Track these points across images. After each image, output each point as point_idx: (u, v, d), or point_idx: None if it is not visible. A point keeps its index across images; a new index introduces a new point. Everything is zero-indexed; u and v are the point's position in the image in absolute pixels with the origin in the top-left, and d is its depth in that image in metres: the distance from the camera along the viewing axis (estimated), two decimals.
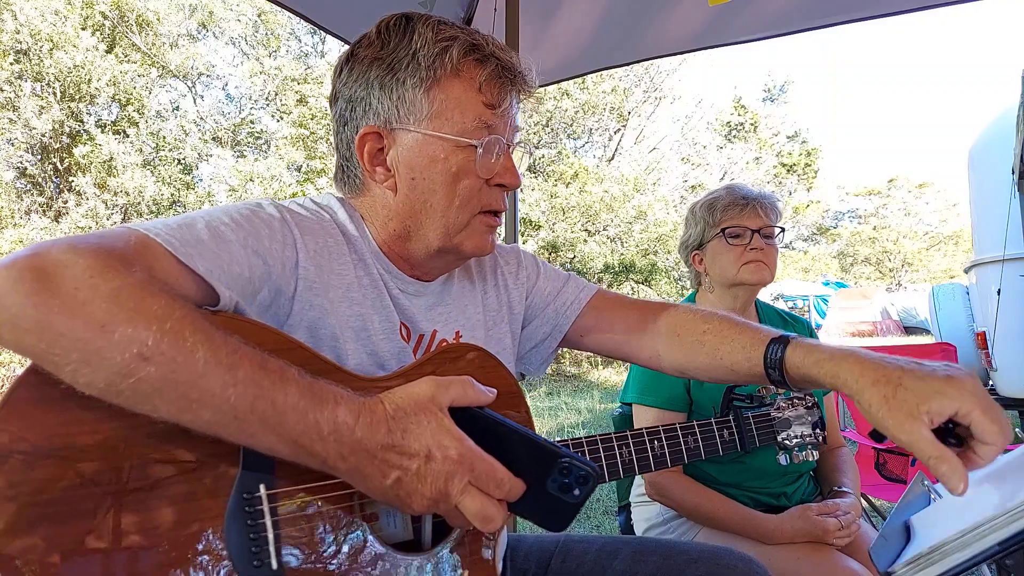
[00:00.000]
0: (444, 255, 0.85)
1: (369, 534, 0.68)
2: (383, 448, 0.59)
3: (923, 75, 72.52)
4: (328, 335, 0.75)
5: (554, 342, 1.01)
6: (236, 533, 0.60)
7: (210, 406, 0.55)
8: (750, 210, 1.49)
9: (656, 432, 0.87)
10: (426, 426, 0.61)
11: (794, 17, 2.08)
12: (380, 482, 0.60)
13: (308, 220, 0.78)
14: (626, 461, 0.84)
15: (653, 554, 0.95)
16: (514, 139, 0.84)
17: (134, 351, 0.52)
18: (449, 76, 0.78)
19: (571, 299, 1.00)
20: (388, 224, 0.83)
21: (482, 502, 0.61)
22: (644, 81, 14.85)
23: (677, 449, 0.88)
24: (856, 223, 30.50)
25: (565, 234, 11.50)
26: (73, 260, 0.53)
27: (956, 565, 0.60)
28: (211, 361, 0.54)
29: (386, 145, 0.80)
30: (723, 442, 0.91)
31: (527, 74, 0.83)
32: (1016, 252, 4.16)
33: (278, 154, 11.66)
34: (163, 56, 11.81)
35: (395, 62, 0.78)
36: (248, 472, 0.61)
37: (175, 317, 0.54)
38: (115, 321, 0.52)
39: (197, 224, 0.66)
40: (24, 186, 10.45)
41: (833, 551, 1.29)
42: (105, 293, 0.52)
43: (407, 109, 0.78)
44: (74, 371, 0.52)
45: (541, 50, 2.39)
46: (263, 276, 0.70)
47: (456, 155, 0.78)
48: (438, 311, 0.89)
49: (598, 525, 3.28)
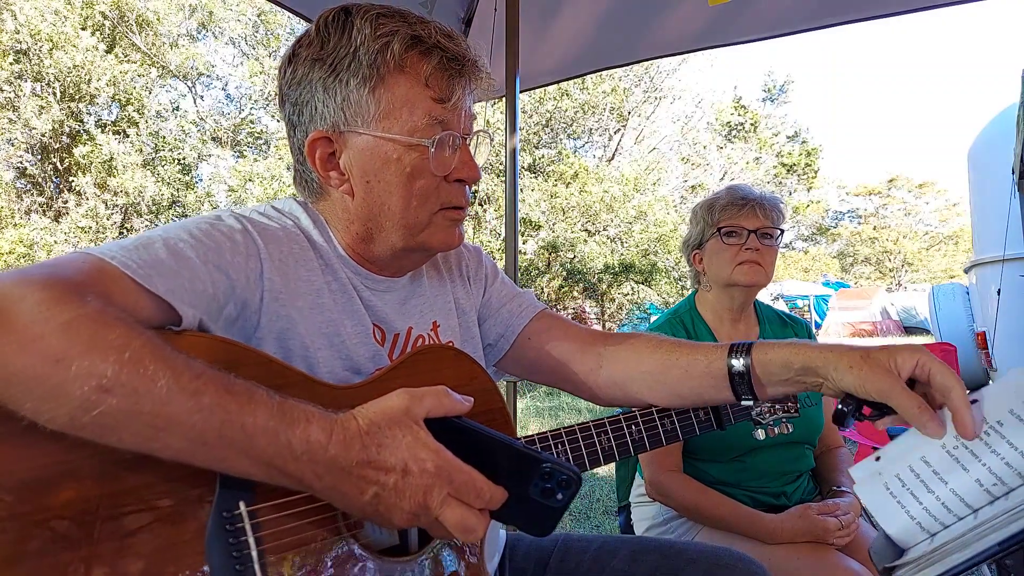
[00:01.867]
0: (410, 253, 0.83)
1: (354, 542, 0.68)
2: (359, 464, 0.58)
3: (923, 75, 72.60)
4: (298, 345, 0.74)
5: (506, 344, 0.98)
6: (218, 554, 0.58)
7: (176, 434, 0.53)
8: (748, 210, 1.49)
9: (633, 417, 0.87)
10: (401, 440, 0.60)
11: (794, 17, 2.08)
12: (358, 499, 0.59)
13: (271, 228, 0.76)
14: (606, 448, 0.83)
15: (652, 554, 0.95)
16: (471, 128, 0.81)
17: (93, 384, 0.50)
18: (393, 73, 0.74)
19: (526, 304, 0.99)
20: (350, 227, 0.81)
21: (462, 514, 0.60)
22: (644, 81, 14.85)
23: (655, 432, 0.87)
24: (856, 223, 30.51)
25: (565, 234, 11.50)
26: (23, 293, 0.51)
27: (956, 565, 0.60)
28: (174, 388, 0.53)
29: (337, 149, 0.77)
30: (699, 422, 0.90)
31: (477, 60, 0.79)
32: (1016, 252, 4.17)
33: (278, 154, 11.66)
34: (163, 56, 11.82)
35: (336, 62, 0.74)
36: (226, 491, 0.60)
37: (133, 347, 0.52)
38: (71, 355, 0.50)
39: (155, 244, 0.64)
40: (24, 186, 10.46)
41: (833, 551, 1.29)
42: (58, 326, 0.50)
43: (353, 111, 0.75)
44: (35, 408, 0.51)
45: (541, 50, 2.39)
46: (227, 291, 0.68)
47: (409, 155, 0.75)
48: (411, 305, 0.88)
49: (598, 525, 3.28)
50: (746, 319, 1.60)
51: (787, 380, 0.78)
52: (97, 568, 0.54)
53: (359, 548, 0.68)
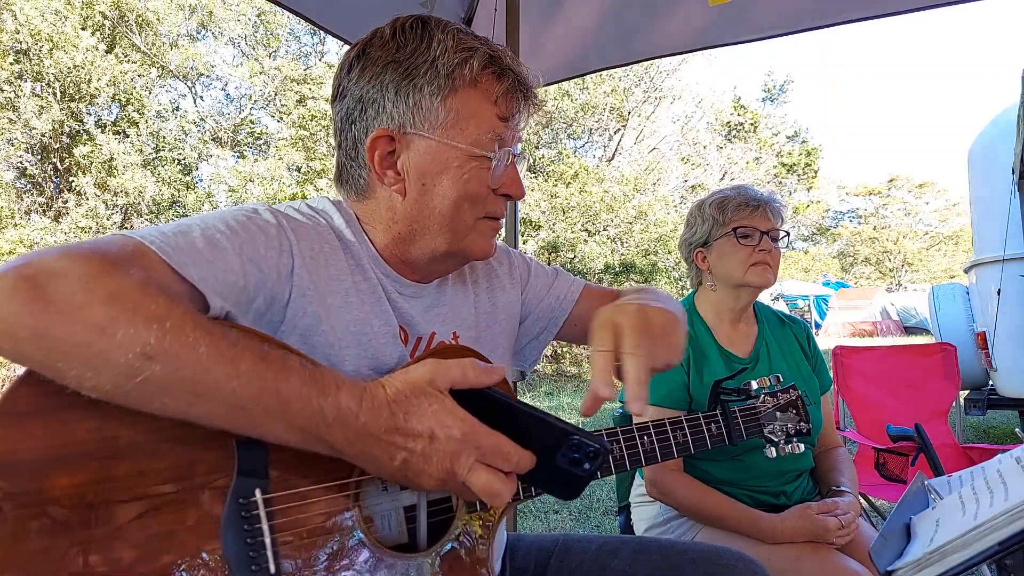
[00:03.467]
0: (449, 258, 0.86)
1: (365, 536, 0.68)
2: (387, 431, 0.61)
3: (923, 75, 72.61)
4: (322, 343, 0.75)
5: (550, 335, 1.03)
6: (233, 540, 0.60)
7: (216, 399, 0.56)
8: (761, 212, 1.50)
9: (645, 427, 0.88)
10: (427, 408, 0.62)
11: (794, 17, 2.07)
12: (388, 464, 0.61)
13: (304, 225, 0.78)
14: (617, 458, 0.84)
15: (652, 553, 0.95)
16: (519, 149, 0.85)
17: (137, 351, 0.52)
18: (467, 86, 0.78)
19: (563, 293, 1.03)
20: (392, 227, 0.82)
21: (489, 478, 0.62)
22: (644, 81, 14.85)
23: (667, 444, 0.88)
24: (856, 223, 30.50)
25: (565, 234, 11.49)
26: (68, 267, 0.53)
27: (956, 565, 0.60)
28: (214, 355, 0.55)
29: (398, 149, 0.79)
30: (711, 436, 0.92)
31: (537, 87, 0.85)
32: (1016, 252, 4.17)
33: (278, 155, 11.66)
34: (163, 56, 11.81)
35: (412, 67, 0.77)
36: (243, 478, 0.61)
37: (174, 315, 0.55)
38: (115, 323, 0.52)
39: (193, 231, 0.66)
40: (24, 186, 10.45)
41: (833, 551, 1.30)
42: (102, 296, 0.53)
43: (423, 115, 0.78)
44: (78, 376, 0.53)
45: (541, 50, 2.39)
46: (258, 284, 0.70)
47: (468, 164, 0.79)
48: (435, 312, 0.89)
49: (598, 525, 3.28)
50: (746, 319, 1.60)
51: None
52: (117, 549, 0.55)
53: (370, 542, 0.69)
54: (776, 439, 0.98)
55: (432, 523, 0.76)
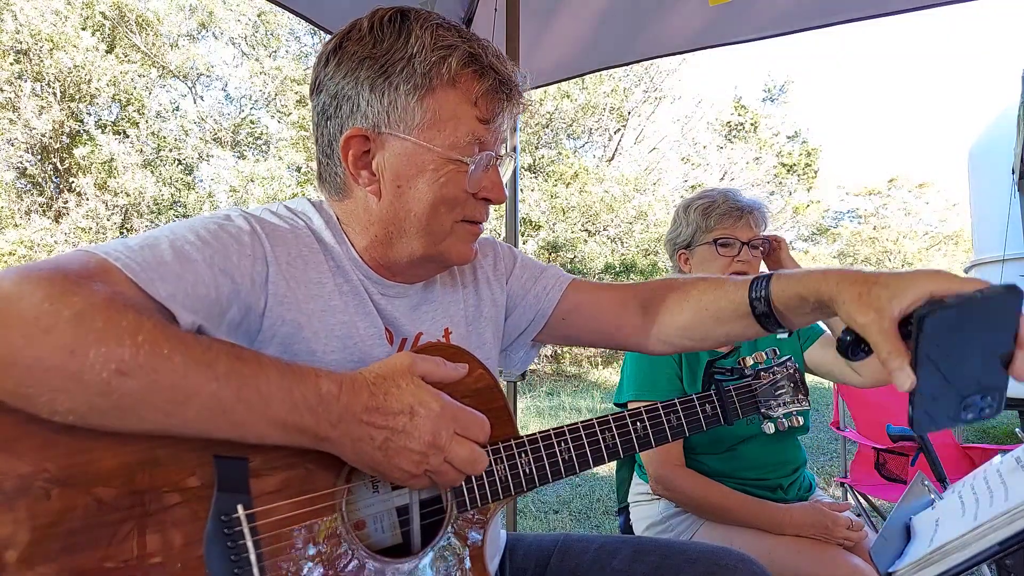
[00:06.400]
0: (428, 262, 0.84)
1: (356, 542, 0.68)
2: (367, 410, 0.62)
3: (923, 75, 72.51)
4: (304, 350, 0.73)
5: (536, 328, 0.99)
6: (217, 558, 0.58)
7: (195, 405, 0.55)
8: (743, 222, 1.52)
9: (638, 414, 0.86)
10: (405, 388, 0.65)
11: (794, 17, 2.07)
12: (370, 445, 0.62)
13: (280, 229, 0.76)
14: (610, 445, 0.83)
15: (652, 553, 0.95)
16: (501, 151, 0.82)
17: (112, 368, 0.51)
18: (445, 86, 0.74)
19: (551, 284, 0.99)
20: (369, 229, 0.80)
21: (470, 447, 0.67)
22: (644, 81, 14.83)
23: (660, 428, 0.87)
24: (856, 223, 30.46)
25: (565, 234, 11.49)
26: (28, 290, 0.52)
27: (956, 565, 0.60)
28: (190, 362, 0.55)
29: (372, 148, 0.77)
30: (706, 417, 0.90)
31: (522, 86, 0.80)
32: (1016, 252, 4.17)
33: (278, 155, 11.65)
34: (163, 56, 11.81)
35: (388, 64, 0.74)
36: (223, 494, 0.60)
37: (146, 328, 0.54)
38: (86, 343, 0.51)
39: (161, 244, 0.64)
40: (24, 186, 10.44)
41: (834, 546, 1.31)
42: (68, 317, 0.51)
43: (398, 115, 0.74)
44: (51, 401, 0.51)
45: (541, 50, 2.39)
46: (231, 295, 0.68)
47: (445, 167, 0.76)
48: (423, 311, 0.88)
49: (598, 525, 3.28)
50: None
51: (809, 312, 0.77)
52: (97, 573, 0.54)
53: (361, 547, 0.68)
54: (774, 415, 0.97)
55: (424, 524, 0.75)
